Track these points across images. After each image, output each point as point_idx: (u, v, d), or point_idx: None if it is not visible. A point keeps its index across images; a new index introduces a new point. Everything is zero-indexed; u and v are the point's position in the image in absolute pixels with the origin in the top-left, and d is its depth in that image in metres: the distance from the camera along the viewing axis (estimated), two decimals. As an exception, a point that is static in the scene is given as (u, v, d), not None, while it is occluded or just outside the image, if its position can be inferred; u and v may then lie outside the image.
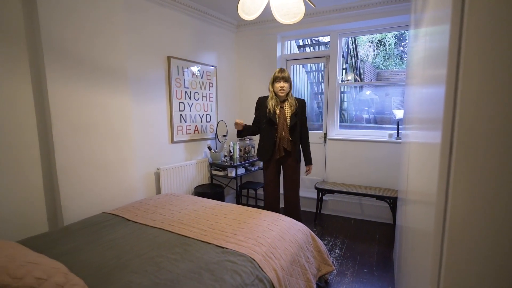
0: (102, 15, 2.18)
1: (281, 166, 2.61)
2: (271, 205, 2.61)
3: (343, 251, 2.54)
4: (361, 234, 2.91)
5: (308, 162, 2.65)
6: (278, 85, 2.41)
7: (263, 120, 2.50)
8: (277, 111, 2.47)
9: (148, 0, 2.66)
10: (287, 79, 2.41)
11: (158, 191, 2.89)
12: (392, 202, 2.84)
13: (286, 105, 2.48)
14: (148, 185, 2.82)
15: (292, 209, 2.59)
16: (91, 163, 2.18)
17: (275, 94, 2.46)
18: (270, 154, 2.51)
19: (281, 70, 2.43)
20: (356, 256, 2.46)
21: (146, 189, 2.80)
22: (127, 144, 2.43)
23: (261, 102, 2.54)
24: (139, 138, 2.66)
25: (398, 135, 3.14)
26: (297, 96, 2.60)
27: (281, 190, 2.81)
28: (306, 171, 2.68)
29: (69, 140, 2.04)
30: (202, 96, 3.34)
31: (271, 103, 2.46)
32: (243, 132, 2.59)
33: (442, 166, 0.62)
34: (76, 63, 2.05)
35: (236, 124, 2.50)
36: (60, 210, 2.04)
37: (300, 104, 2.53)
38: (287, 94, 2.49)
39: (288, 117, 2.46)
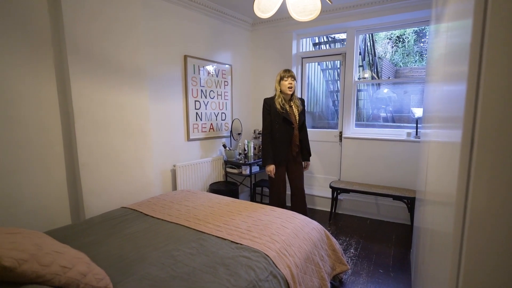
0: (122, 16, 2.25)
1: (288, 164, 2.63)
2: (282, 205, 2.63)
3: (358, 251, 2.50)
4: (377, 234, 2.86)
5: (308, 158, 2.74)
6: (286, 82, 2.45)
7: (276, 120, 2.50)
8: (289, 111, 2.52)
9: (165, 0, 2.71)
10: (294, 77, 2.47)
11: (174, 187, 2.95)
12: (410, 203, 2.77)
13: (294, 104, 2.55)
14: (165, 182, 2.89)
15: (302, 204, 2.67)
16: (111, 159, 2.26)
17: (282, 92, 2.49)
18: (284, 155, 2.53)
19: (287, 70, 2.48)
20: (371, 256, 2.42)
21: (163, 185, 2.87)
22: (144, 142, 2.50)
23: (271, 104, 2.53)
24: (156, 135, 2.73)
25: (417, 134, 3.05)
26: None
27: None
28: (305, 167, 2.75)
29: (91, 138, 2.13)
30: (218, 95, 3.38)
31: (279, 102, 2.48)
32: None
33: (462, 166, 0.61)
34: (97, 64, 2.12)
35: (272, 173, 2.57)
36: (82, 204, 2.13)
37: (303, 103, 2.65)
38: (292, 94, 2.54)
39: (297, 116, 2.55)
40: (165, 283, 1.20)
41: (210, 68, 3.25)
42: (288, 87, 2.45)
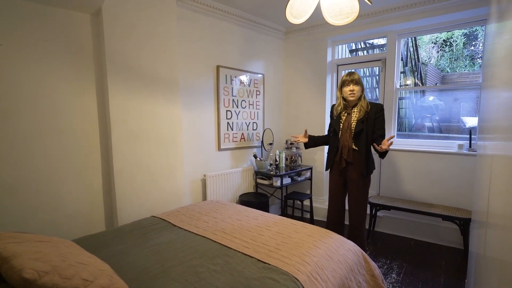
0: (158, 31, 2.31)
1: (347, 181, 2.30)
2: (331, 221, 2.38)
3: (401, 277, 2.24)
4: (423, 258, 2.54)
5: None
6: (347, 89, 2.19)
7: (333, 127, 2.35)
8: (343, 118, 2.27)
9: (198, 12, 2.76)
10: (357, 82, 2.17)
11: (204, 197, 2.94)
12: (463, 224, 2.44)
13: (355, 110, 2.22)
14: (195, 191, 2.88)
15: (353, 233, 2.26)
16: (144, 168, 2.30)
17: (345, 99, 2.26)
18: (331, 164, 2.35)
19: (350, 73, 2.20)
20: (417, 284, 2.14)
21: (193, 194, 2.86)
22: (176, 151, 2.52)
23: (332, 109, 2.41)
24: (187, 145, 2.74)
25: (470, 146, 2.71)
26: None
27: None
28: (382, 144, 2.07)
29: (125, 147, 2.19)
30: (249, 104, 3.34)
31: (337, 110, 2.31)
32: (308, 143, 2.52)
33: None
34: (133, 76, 2.20)
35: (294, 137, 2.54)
36: (115, 210, 2.19)
37: (374, 109, 2.18)
38: (359, 99, 2.22)
39: (354, 124, 2.20)
40: (186, 302, 1.13)
41: (243, 77, 3.23)
42: (349, 94, 2.18)
